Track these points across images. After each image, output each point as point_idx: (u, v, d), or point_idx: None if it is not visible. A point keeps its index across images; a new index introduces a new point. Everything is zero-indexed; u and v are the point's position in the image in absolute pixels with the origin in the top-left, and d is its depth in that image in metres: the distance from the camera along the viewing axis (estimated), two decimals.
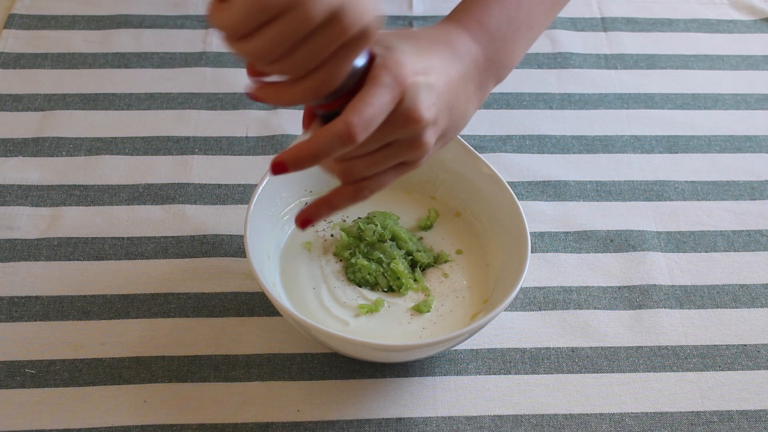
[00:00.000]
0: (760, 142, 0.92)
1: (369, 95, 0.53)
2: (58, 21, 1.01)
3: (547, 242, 0.82)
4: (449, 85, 0.58)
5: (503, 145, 0.90)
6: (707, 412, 0.70)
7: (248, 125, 0.91)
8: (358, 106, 0.53)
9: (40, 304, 0.75)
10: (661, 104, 0.96)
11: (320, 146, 0.52)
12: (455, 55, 0.60)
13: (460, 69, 0.60)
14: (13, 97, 0.92)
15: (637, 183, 0.87)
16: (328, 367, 0.72)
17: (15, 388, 0.70)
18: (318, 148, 0.53)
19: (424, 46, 0.58)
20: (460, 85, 0.60)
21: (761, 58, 1.02)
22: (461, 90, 0.60)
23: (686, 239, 0.83)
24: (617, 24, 1.05)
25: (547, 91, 0.96)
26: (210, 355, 0.72)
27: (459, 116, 0.61)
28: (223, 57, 0.98)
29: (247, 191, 0.84)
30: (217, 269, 0.78)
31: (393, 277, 0.74)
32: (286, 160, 0.53)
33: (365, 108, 0.53)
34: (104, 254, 0.79)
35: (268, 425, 0.68)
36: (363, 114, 0.52)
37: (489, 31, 0.63)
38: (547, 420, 0.69)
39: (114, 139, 0.88)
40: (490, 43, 0.63)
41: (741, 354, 0.74)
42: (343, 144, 0.52)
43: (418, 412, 0.69)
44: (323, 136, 0.52)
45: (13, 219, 0.81)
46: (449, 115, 0.59)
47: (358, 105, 0.53)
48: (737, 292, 0.79)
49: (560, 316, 0.76)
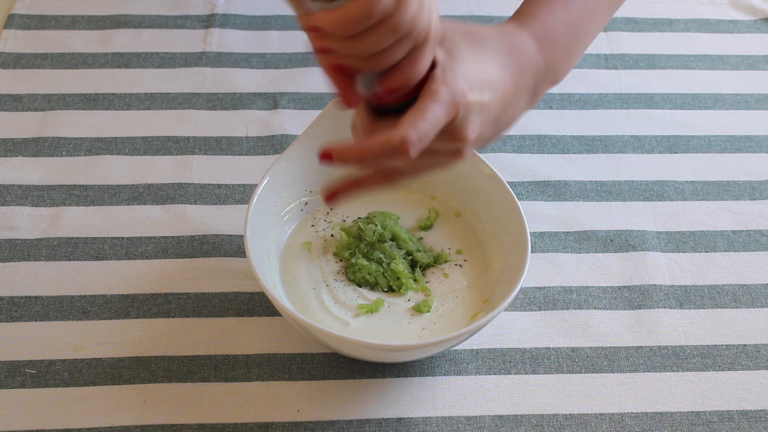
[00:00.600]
0: (760, 142, 0.92)
1: (427, 111, 0.53)
2: (58, 21, 1.01)
3: (547, 242, 0.82)
4: (502, 99, 0.58)
5: (503, 145, 0.90)
6: (707, 412, 0.70)
7: (248, 125, 0.91)
8: (415, 121, 0.53)
9: (40, 304, 0.75)
10: (661, 104, 0.96)
11: (372, 153, 0.53)
12: (517, 66, 0.60)
13: (517, 80, 0.60)
14: (13, 97, 0.92)
15: (637, 183, 0.87)
16: (328, 367, 0.72)
17: (15, 388, 0.70)
18: (369, 154, 0.53)
19: (487, 53, 0.58)
20: (513, 99, 0.60)
21: (761, 58, 1.02)
22: (512, 103, 0.60)
23: (686, 239, 0.83)
24: (617, 24, 1.05)
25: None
26: (210, 355, 0.72)
27: (504, 125, 0.61)
28: (223, 57, 0.98)
29: (247, 191, 0.84)
30: (217, 269, 0.78)
31: (393, 277, 0.74)
32: (334, 153, 0.53)
33: (422, 124, 0.53)
34: (104, 254, 0.79)
35: (268, 425, 0.68)
36: (419, 129, 0.52)
37: (554, 38, 0.62)
38: (547, 420, 0.69)
39: (114, 139, 0.89)
40: (553, 52, 0.62)
41: (741, 354, 0.74)
42: (396, 156, 0.52)
43: (418, 412, 0.69)
44: (377, 144, 0.52)
45: (13, 219, 0.81)
46: (494, 126, 0.59)
47: (415, 120, 0.53)
48: (737, 292, 0.79)
49: (560, 316, 0.76)
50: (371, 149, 0.53)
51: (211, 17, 1.02)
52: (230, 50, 0.99)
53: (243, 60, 0.98)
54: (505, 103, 0.59)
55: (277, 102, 0.93)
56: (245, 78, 0.96)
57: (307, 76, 0.96)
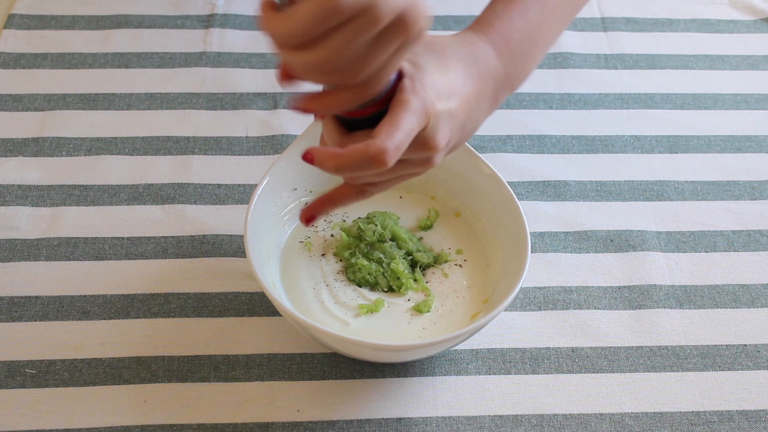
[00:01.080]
0: (760, 142, 0.92)
1: (401, 121, 0.53)
2: (58, 21, 1.01)
3: (547, 242, 0.82)
4: (466, 105, 0.59)
5: (503, 145, 0.90)
6: (707, 412, 0.70)
7: (248, 125, 0.91)
8: (391, 132, 0.53)
9: (40, 304, 0.75)
10: (661, 104, 0.96)
11: (349, 162, 0.53)
12: (477, 73, 0.60)
13: (479, 87, 0.60)
14: (13, 97, 0.92)
15: (637, 183, 0.87)
16: (328, 367, 0.72)
17: (15, 388, 0.70)
18: (346, 163, 0.53)
19: (448, 61, 0.59)
20: (476, 104, 0.61)
21: (761, 58, 1.02)
22: (476, 108, 0.61)
23: (686, 239, 0.83)
24: (617, 24, 1.05)
25: (547, 91, 0.96)
26: (210, 355, 0.72)
27: (469, 131, 0.62)
28: (223, 57, 0.98)
29: (247, 191, 0.84)
30: (217, 269, 0.78)
31: (393, 277, 0.74)
32: (315, 156, 0.54)
33: (398, 133, 0.53)
34: (104, 254, 0.79)
35: (268, 425, 0.68)
36: (395, 139, 0.53)
37: (511, 46, 0.63)
38: (547, 420, 0.69)
39: (114, 139, 0.89)
40: (511, 59, 0.63)
41: (741, 354, 0.74)
42: (373, 166, 0.53)
43: (418, 412, 0.69)
44: (355, 154, 0.53)
45: (13, 219, 0.81)
46: (461, 132, 0.60)
47: (391, 130, 0.53)
48: (737, 292, 0.79)
49: (560, 316, 0.76)
50: (349, 158, 0.53)
51: (211, 17, 1.02)
52: (230, 50, 0.99)
53: (243, 60, 0.98)
54: (469, 109, 0.60)
55: (277, 102, 0.93)
56: (245, 78, 0.96)
57: None
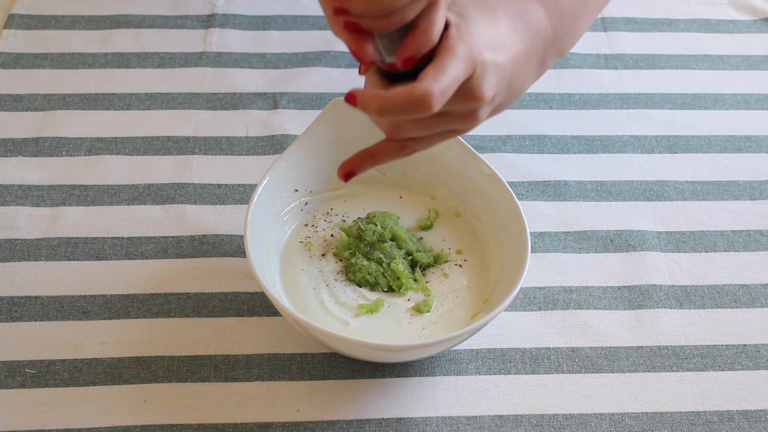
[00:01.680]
0: (760, 142, 0.92)
1: (447, 66, 0.52)
2: (58, 21, 1.01)
3: (547, 242, 0.82)
4: (514, 63, 0.58)
5: (503, 145, 0.90)
6: (707, 412, 0.70)
7: (248, 125, 0.91)
8: (437, 76, 0.52)
9: (40, 304, 0.75)
10: (661, 104, 0.96)
11: (393, 104, 0.52)
12: (526, 30, 0.59)
13: (528, 45, 0.59)
14: (13, 97, 0.92)
15: (637, 183, 0.87)
16: (328, 367, 0.72)
17: (15, 388, 0.70)
18: (390, 105, 0.52)
19: (497, 16, 0.58)
20: (524, 63, 0.59)
21: (761, 58, 1.02)
22: (524, 67, 0.59)
23: (686, 239, 0.83)
24: (617, 24, 1.05)
25: (547, 91, 0.96)
26: (210, 355, 0.72)
27: (516, 92, 0.60)
28: (223, 57, 0.98)
29: (247, 191, 0.84)
30: (217, 269, 0.78)
31: (393, 277, 0.74)
32: (358, 96, 0.53)
33: (444, 78, 0.52)
34: (104, 254, 0.79)
35: (268, 425, 0.68)
36: (441, 83, 0.51)
37: (562, 7, 0.62)
38: (547, 420, 0.69)
39: (114, 139, 0.89)
40: (561, 20, 0.62)
41: (741, 354, 0.74)
42: (418, 110, 0.51)
43: (418, 412, 0.69)
44: (400, 96, 0.51)
45: (13, 219, 0.81)
46: (507, 91, 0.59)
47: (437, 74, 0.52)
48: (737, 292, 0.79)
49: (560, 316, 0.76)
50: (393, 101, 0.52)
51: (211, 17, 1.02)
52: (230, 50, 0.99)
53: (243, 60, 0.98)
54: (517, 67, 0.58)
55: (277, 102, 0.93)
56: (245, 78, 0.96)
57: (307, 76, 0.96)
